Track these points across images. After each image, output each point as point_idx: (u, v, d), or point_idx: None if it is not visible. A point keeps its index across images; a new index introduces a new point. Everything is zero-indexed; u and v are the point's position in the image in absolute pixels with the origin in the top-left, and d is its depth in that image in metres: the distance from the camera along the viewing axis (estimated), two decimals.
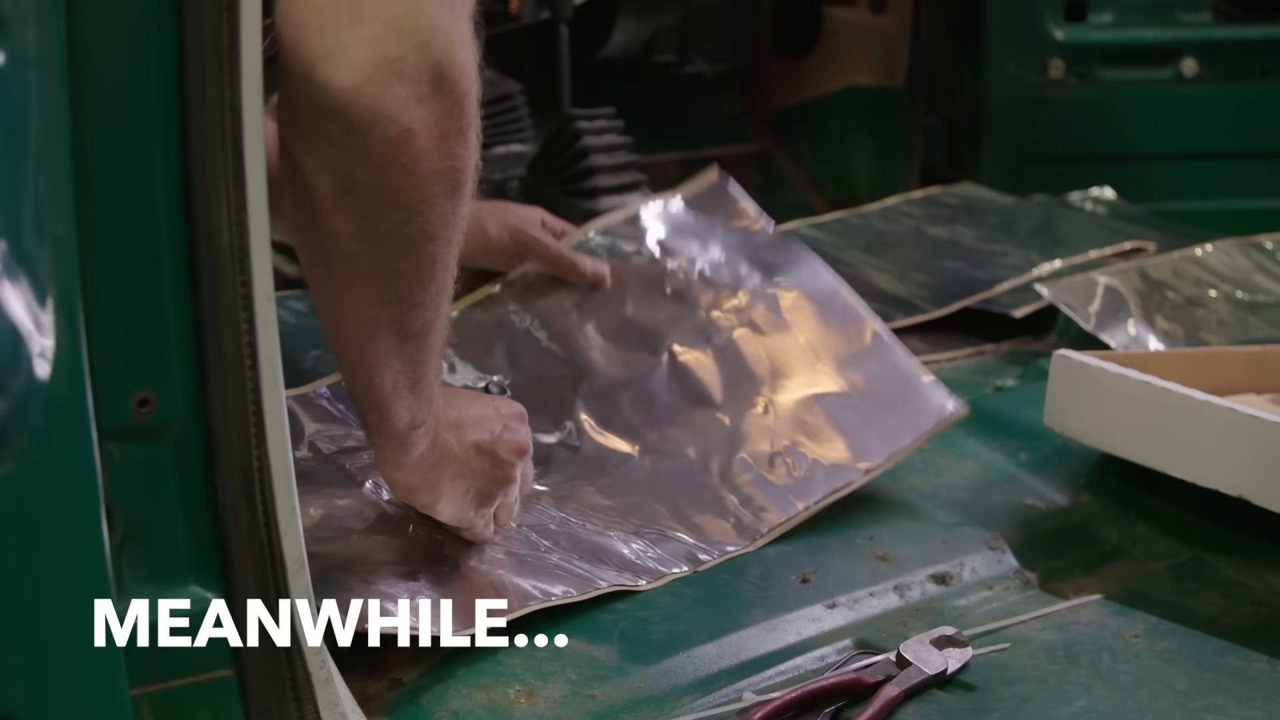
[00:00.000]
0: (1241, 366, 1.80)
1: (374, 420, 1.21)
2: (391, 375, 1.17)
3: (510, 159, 2.72)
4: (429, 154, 1.06)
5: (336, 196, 1.05)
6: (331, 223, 1.07)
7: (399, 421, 1.20)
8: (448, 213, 1.11)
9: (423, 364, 1.19)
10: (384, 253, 1.09)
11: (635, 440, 1.57)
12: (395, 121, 1.03)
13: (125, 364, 0.93)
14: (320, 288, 1.14)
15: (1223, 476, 1.45)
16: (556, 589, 1.33)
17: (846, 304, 1.73)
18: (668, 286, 1.73)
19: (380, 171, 1.05)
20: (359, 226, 1.07)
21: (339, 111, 1.01)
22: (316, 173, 1.04)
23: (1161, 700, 1.24)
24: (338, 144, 1.03)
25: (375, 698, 1.21)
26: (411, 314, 1.14)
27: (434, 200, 1.08)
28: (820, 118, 3.19)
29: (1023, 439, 1.74)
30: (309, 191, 1.05)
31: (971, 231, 2.65)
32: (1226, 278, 2.31)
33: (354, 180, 1.05)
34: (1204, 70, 2.92)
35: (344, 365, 1.20)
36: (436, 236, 1.11)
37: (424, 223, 1.09)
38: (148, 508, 0.96)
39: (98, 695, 0.94)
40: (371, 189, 1.05)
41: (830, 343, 1.68)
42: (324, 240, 1.08)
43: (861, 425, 1.61)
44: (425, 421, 1.23)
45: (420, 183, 1.06)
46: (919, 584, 1.45)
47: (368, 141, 1.03)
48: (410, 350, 1.16)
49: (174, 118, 0.91)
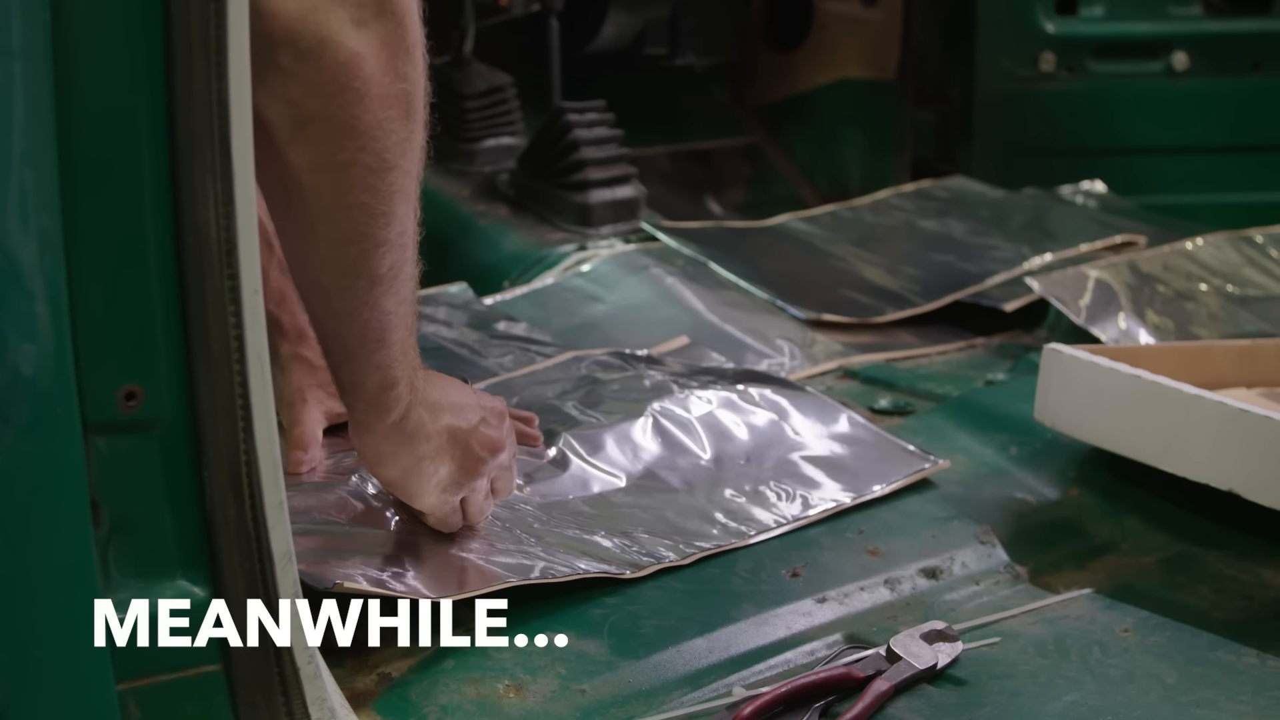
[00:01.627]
0: (1232, 360, 1.80)
1: (345, 377, 1.21)
2: (360, 324, 1.17)
3: (500, 152, 2.72)
4: (379, 77, 1.06)
5: (291, 129, 1.05)
6: (289, 156, 1.07)
7: (370, 380, 1.20)
8: (403, 139, 1.11)
9: (391, 314, 1.18)
10: (343, 184, 1.09)
11: (620, 471, 1.58)
12: (343, 46, 1.03)
13: (112, 357, 0.92)
14: (284, 232, 1.14)
15: (1213, 471, 1.45)
16: (536, 570, 1.33)
17: (818, 398, 1.76)
18: (647, 381, 1.75)
19: (333, 98, 1.05)
20: (316, 157, 1.07)
21: (288, 39, 1.02)
22: (269, 105, 1.04)
23: (1151, 694, 1.24)
24: (288, 73, 1.03)
25: (364, 693, 1.20)
26: (377, 254, 1.14)
27: (389, 125, 1.09)
28: (811, 111, 3.19)
29: (1013, 433, 1.74)
30: (264, 127, 1.04)
31: (962, 225, 2.65)
32: (1217, 271, 2.31)
33: (308, 110, 1.05)
34: (1195, 64, 2.92)
35: (312, 317, 1.20)
36: (395, 165, 1.11)
37: (381, 150, 1.09)
38: (135, 502, 0.95)
39: (84, 690, 0.93)
40: (326, 117, 1.06)
41: (806, 420, 1.70)
42: (282, 177, 1.08)
43: (845, 473, 1.62)
44: (399, 384, 1.22)
45: (373, 106, 1.07)
46: (909, 578, 1.45)
47: (318, 68, 1.03)
48: (378, 296, 1.16)
49: (160, 109, 0.90)
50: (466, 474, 1.33)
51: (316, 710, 1.04)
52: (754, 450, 1.64)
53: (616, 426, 1.62)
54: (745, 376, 1.78)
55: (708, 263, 2.34)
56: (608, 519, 1.48)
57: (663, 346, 2.01)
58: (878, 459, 1.64)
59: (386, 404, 1.23)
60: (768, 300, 2.25)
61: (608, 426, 1.62)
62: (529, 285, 2.28)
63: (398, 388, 1.22)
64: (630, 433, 1.62)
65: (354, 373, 1.20)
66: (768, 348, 2.09)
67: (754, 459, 1.62)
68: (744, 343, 2.10)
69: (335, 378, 1.23)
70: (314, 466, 1.47)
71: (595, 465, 1.57)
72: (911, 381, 2.01)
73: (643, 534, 1.45)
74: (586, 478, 1.55)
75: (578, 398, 1.70)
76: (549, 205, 2.52)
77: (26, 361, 0.87)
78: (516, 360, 1.89)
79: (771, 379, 1.80)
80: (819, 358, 2.09)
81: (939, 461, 1.63)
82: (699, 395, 1.69)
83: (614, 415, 1.65)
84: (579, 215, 2.47)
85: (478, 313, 2.09)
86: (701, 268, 2.33)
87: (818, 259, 2.49)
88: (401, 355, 1.21)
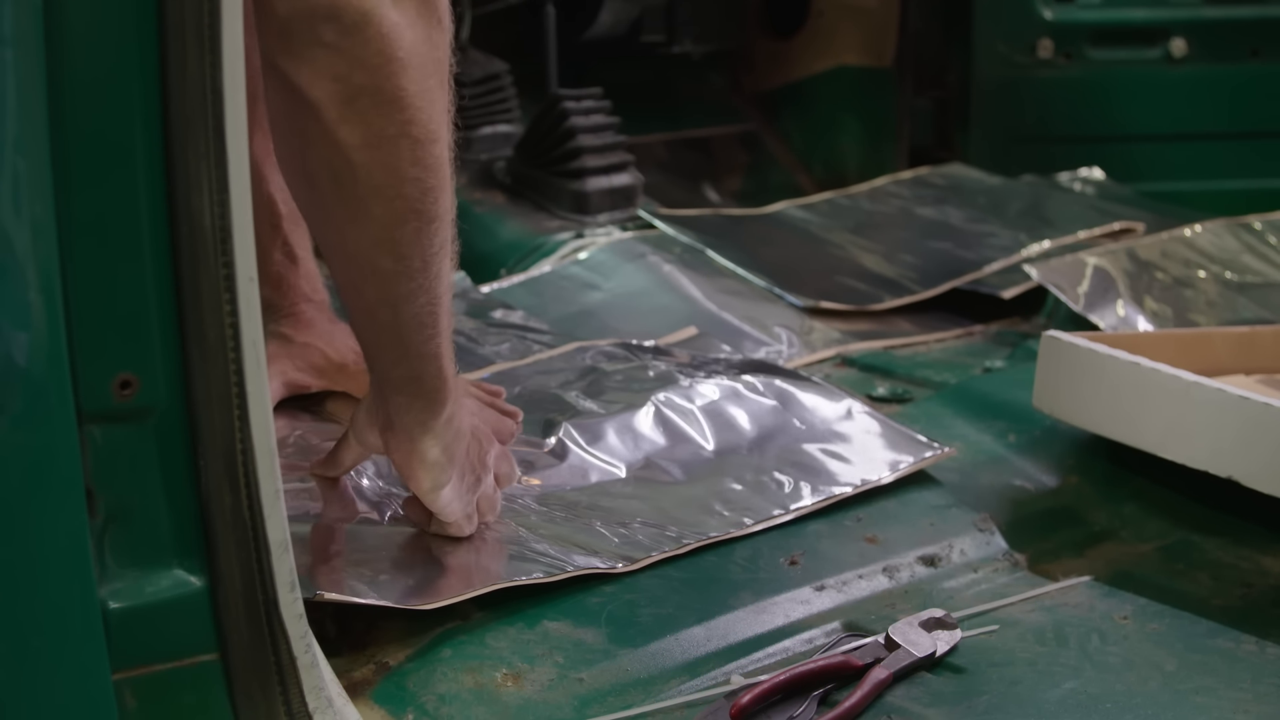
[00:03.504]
0: (1230, 347, 1.80)
1: (401, 374, 1.19)
2: (415, 309, 1.16)
3: (497, 139, 2.71)
4: (419, 46, 1.07)
5: (341, 106, 1.05)
6: (340, 135, 1.06)
7: (427, 372, 1.19)
8: (444, 108, 1.12)
9: (441, 296, 1.18)
10: (395, 158, 1.09)
11: (620, 462, 1.57)
12: (385, 17, 1.03)
13: (106, 346, 0.92)
14: (333, 219, 1.13)
15: (1212, 458, 1.45)
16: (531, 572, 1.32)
17: (824, 386, 1.75)
18: (651, 371, 1.75)
19: (380, 70, 1.05)
20: (367, 133, 1.06)
21: (331, 15, 1.02)
22: (316, 84, 1.04)
23: (1150, 682, 1.24)
24: (334, 48, 1.03)
25: (361, 681, 1.20)
26: (430, 230, 1.13)
27: (432, 95, 1.09)
28: (809, 98, 3.19)
29: (1011, 420, 1.73)
30: (310, 109, 1.04)
31: (960, 212, 2.65)
32: (1215, 258, 2.30)
33: (356, 85, 1.04)
34: (1193, 50, 2.91)
35: (365, 312, 1.18)
36: (439, 137, 1.11)
37: (427, 120, 1.09)
38: (130, 491, 0.95)
39: (80, 680, 0.93)
40: (374, 90, 1.05)
41: (811, 409, 1.69)
42: (332, 159, 1.07)
43: (851, 460, 1.61)
44: (449, 374, 1.21)
45: (417, 76, 1.07)
46: (907, 566, 1.44)
47: (364, 40, 1.03)
48: (431, 278, 1.15)
49: (154, 96, 0.90)
50: (481, 470, 1.32)
51: (313, 699, 1.04)
52: (757, 440, 1.63)
53: (618, 416, 1.62)
54: (751, 367, 1.78)
55: (705, 250, 2.34)
56: (605, 509, 1.48)
57: (670, 338, 2.00)
58: (884, 446, 1.63)
59: (444, 397, 1.22)
60: (765, 288, 2.24)
61: (609, 416, 1.62)
62: (526, 273, 2.27)
63: (449, 379, 1.22)
64: (632, 423, 1.62)
65: (411, 367, 1.19)
66: (765, 335, 2.09)
67: (757, 448, 1.62)
68: (742, 330, 2.09)
69: (387, 379, 1.21)
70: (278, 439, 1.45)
71: (595, 455, 1.56)
72: (909, 369, 2.01)
73: (639, 524, 1.45)
74: (585, 467, 1.55)
75: (581, 388, 1.70)
76: (546, 193, 2.51)
77: (20, 350, 0.87)
78: (513, 349, 1.88)
79: (777, 369, 1.79)
80: (817, 345, 2.09)
81: (944, 449, 1.63)
82: (703, 385, 1.69)
83: (616, 405, 1.64)
84: (576, 203, 2.46)
85: (475, 301, 2.08)
86: (699, 255, 2.32)
87: (815, 246, 2.48)
88: (449, 342, 1.21)
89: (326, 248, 1.16)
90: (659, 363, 1.78)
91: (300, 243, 1.55)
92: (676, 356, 1.82)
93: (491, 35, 2.84)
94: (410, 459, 1.25)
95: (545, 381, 1.73)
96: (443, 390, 1.22)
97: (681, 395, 1.66)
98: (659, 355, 1.82)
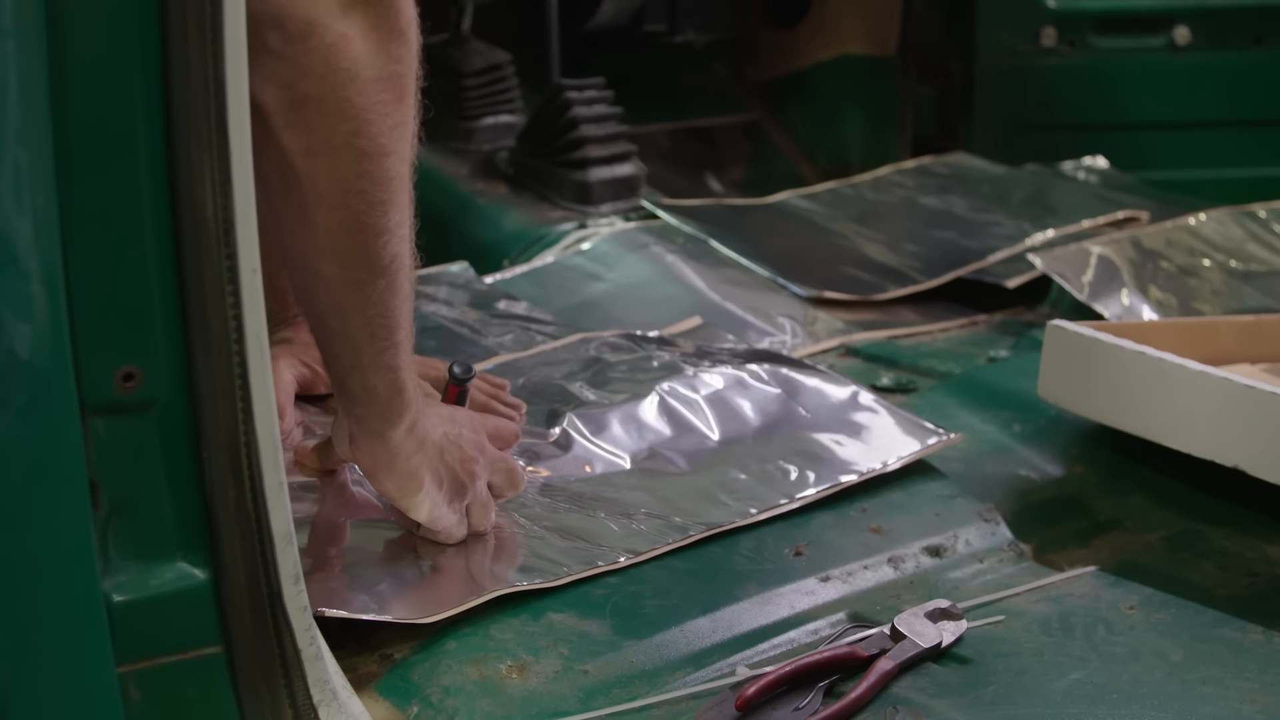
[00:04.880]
0: (1236, 336, 1.79)
1: (355, 383, 1.19)
2: (365, 319, 1.16)
3: (499, 130, 2.71)
4: (369, 59, 1.07)
5: (286, 112, 1.06)
6: (284, 141, 1.07)
7: (381, 383, 1.19)
8: (398, 123, 1.11)
9: (396, 310, 1.17)
10: (338, 169, 1.09)
11: (625, 452, 1.56)
12: (330, 28, 1.04)
13: (109, 338, 0.92)
14: (284, 222, 1.13)
15: (1218, 447, 1.45)
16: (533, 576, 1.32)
17: (831, 376, 1.74)
18: (655, 362, 1.74)
19: (324, 80, 1.05)
20: (310, 142, 1.07)
21: (276, 23, 1.02)
22: (264, 89, 1.04)
23: (1157, 672, 1.23)
24: (279, 56, 1.03)
25: (366, 674, 1.20)
26: (378, 243, 1.13)
27: (382, 109, 1.09)
28: (812, 87, 3.18)
29: (1016, 410, 1.73)
30: (260, 111, 1.04)
31: (964, 201, 2.64)
32: (1220, 247, 2.30)
33: (300, 93, 1.05)
34: (1196, 38, 2.90)
35: (317, 318, 1.18)
36: (391, 151, 1.11)
37: (375, 133, 1.09)
38: (134, 483, 0.95)
39: (84, 673, 0.93)
40: (319, 100, 1.06)
41: (817, 398, 1.69)
42: (279, 163, 1.08)
43: (857, 448, 1.60)
44: (407, 386, 1.21)
45: (365, 89, 1.07)
46: (913, 556, 1.44)
47: (307, 50, 1.04)
48: (381, 290, 1.15)
49: (156, 87, 0.90)
50: (466, 479, 1.31)
51: (318, 692, 1.04)
52: (762, 429, 1.63)
53: (622, 407, 1.61)
54: (756, 356, 1.77)
55: (708, 240, 2.33)
56: (609, 500, 1.47)
57: (675, 328, 2.00)
58: (889, 433, 1.62)
59: (399, 408, 1.21)
60: (769, 278, 2.24)
61: (613, 407, 1.61)
62: (529, 264, 2.27)
63: (407, 391, 1.21)
64: (636, 413, 1.61)
65: (364, 377, 1.19)
66: (769, 325, 2.08)
67: (762, 437, 1.61)
68: (745, 321, 2.09)
69: (343, 388, 1.21)
70: (288, 433, 1.44)
71: (599, 445, 1.56)
72: (913, 359, 2.00)
73: (644, 515, 1.45)
74: (590, 458, 1.54)
75: (585, 378, 1.70)
76: (548, 183, 2.51)
77: (22, 342, 0.87)
78: (516, 340, 1.88)
79: (783, 358, 1.79)
80: (820, 335, 2.09)
81: (950, 435, 1.62)
82: (707, 375, 1.68)
83: (620, 395, 1.64)
84: (579, 193, 2.46)
85: (478, 292, 2.08)
86: (702, 245, 2.32)
87: (819, 236, 2.48)
88: (407, 355, 1.20)
89: (279, 249, 1.16)
90: (663, 353, 1.77)
91: None
92: (681, 347, 1.82)
93: (493, 25, 2.84)
94: (374, 469, 1.25)
95: (549, 372, 1.73)
96: (397, 402, 1.21)
97: (686, 385, 1.66)
98: (663, 345, 1.82)
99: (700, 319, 2.04)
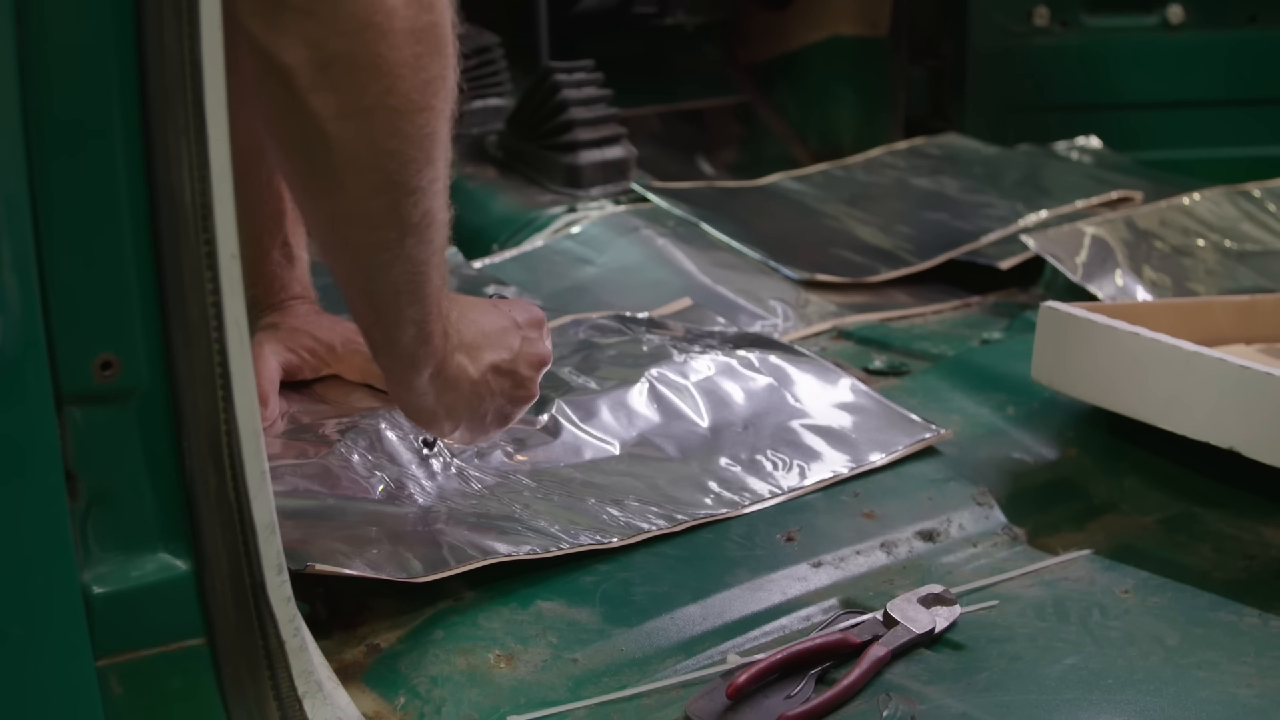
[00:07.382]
0: (1230, 316, 1.78)
1: (377, 336, 1.16)
2: (391, 279, 1.11)
3: (488, 113, 2.70)
4: (402, 10, 0.98)
5: (313, 73, 0.98)
6: (312, 104, 0.99)
7: (404, 336, 1.15)
8: (434, 76, 1.03)
9: (424, 264, 1.11)
10: (371, 130, 1.02)
11: (614, 439, 1.55)
12: None
13: (85, 326, 0.90)
14: (307, 189, 1.08)
15: (1213, 428, 1.44)
16: (522, 548, 1.31)
17: (820, 363, 1.73)
18: (645, 346, 1.73)
19: (355, 35, 0.97)
20: (341, 104, 0.99)
21: None
22: (287, 49, 0.97)
23: (1152, 656, 1.22)
24: (305, 12, 0.96)
25: (352, 664, 1.19)
26: (409, 201, 1.06)
27: (418, 63, 1.01)
28: (803, 69, 3.17)
29: (1010, 392, 1.72)
30: (282, 75, 0.98)
31: (956, 183, 2.63)
32: (1214, 227, 2.29)
33: (329, 51, 0.97)
34: (1190, 17, 2.90)
35: (339, 274, 1.13)
36: (426, 106, 1.03)
37: (409, 90, 1.01)
38: (112, 473, 0.93)
39: (63, 667, 0.92)
40: (350, 58, 0.98)
41: (807, 387, 1.68)
42: (305, 129, 1.01)
43: (846, 442, 1.59)
44: (433, 337, 1.18)
45: (399, 43, 0.99)
46: (906, 541, 1.43)
47: (337, 3, 0.96)
48: (411, 248, 1.09)
49: (131, 69, 0.88)
50: (518, 402, 1.33)
51: (303, 683, 1.02)
52: (752, 417, 1.62)
53: (612, 393, 1.60)
54: (746, 340, 1.76)
55: (699, 223, 2.32)
56: (599, 487, 1.46)
57: (664, 309, 1.98)
58: (879, 427, 1.62)
59: (424, 357, 1.18)
60: (760, 261, 2.23)
61: (603, 393, 1.60)
62: (518, 248, 2.25)
63: (433, 340, 1.18)
64: (626, 399, 1.60)
65: (387, 331, 1.15)
66: (760, 308, 2.07)
67: (752, 426, 1.60)
68: (736, 304, 2.08)
69: (366, 337, 1.18)
70: (273, 421, 1.42)
71: (588, 432, 1.55)
72: (906, 341, 1.99)
73: (634, 502, 1.43)
74: (579, 445, 1.53)
75: (574, 363, 1.68)
76: (538, 167, 2.49)
77: None
78: None
79: (773, 343, 1.77)
80: (812, 318, 2.08)
81: (941, 431, 1.61)
82: (698, 361, 1.67)
83: (610, 381, 1.63)
84: (568, 177, 2.44)
85: (467, 276, 2.06)
86: (693, 228, 2.31)
87: (810, 219, 2.47)
88: (435, 307, 1.16)
89: (302, 213, 1.12)
90: (653, 336, 1.76)
91: (299, 242, 1.51)
92: (671, 329, 1.81)
93: (482, 8, 2.81)
94: (407, 410, 1.28)
95: None
96: (422, 352, 1.18)
97: (676, 371, 1.64)
98: (653, 328, 1.81)
99: (690, 300, 2.03)
